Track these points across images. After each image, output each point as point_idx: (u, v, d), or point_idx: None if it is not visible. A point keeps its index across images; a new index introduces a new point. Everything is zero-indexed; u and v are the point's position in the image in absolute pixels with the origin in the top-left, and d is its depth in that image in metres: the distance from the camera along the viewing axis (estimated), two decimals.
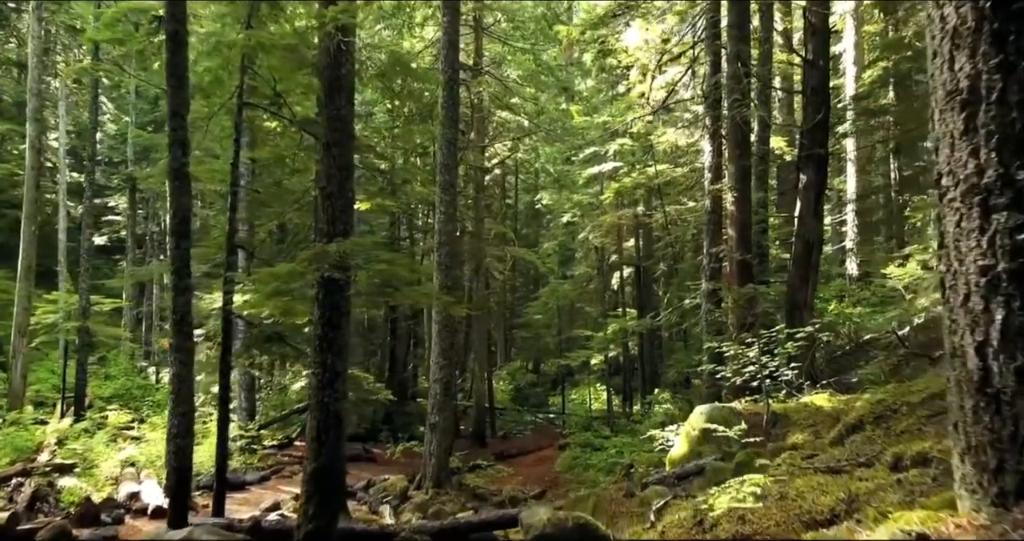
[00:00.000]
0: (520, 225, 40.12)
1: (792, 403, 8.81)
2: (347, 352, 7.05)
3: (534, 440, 22.61)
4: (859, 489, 3.28)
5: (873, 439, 5.01)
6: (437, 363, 14.34)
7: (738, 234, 12.54)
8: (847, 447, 5.07)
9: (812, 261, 12.29)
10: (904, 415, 5.27)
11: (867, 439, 5.07)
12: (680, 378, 20.16)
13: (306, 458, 6.82)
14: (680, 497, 4.99)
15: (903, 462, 3.50)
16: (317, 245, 6.90)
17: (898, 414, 5.36)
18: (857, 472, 3.92)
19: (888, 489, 3.16)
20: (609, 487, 13.43)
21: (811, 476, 3.94)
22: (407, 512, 12.83)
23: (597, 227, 24.28)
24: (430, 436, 14.30)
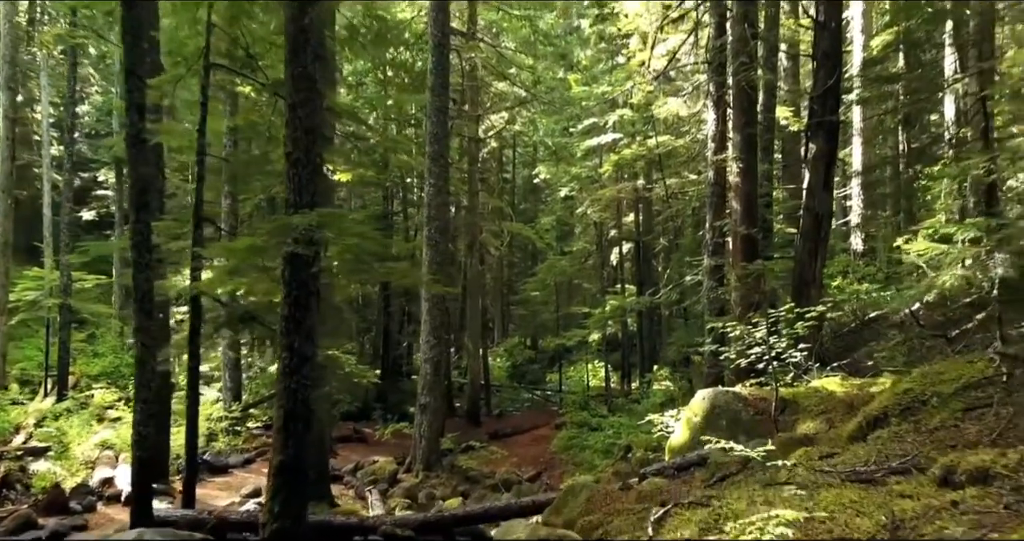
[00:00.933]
0: (518, 200, 39.39)
1: (801, 387, 8.22)
2: (316, 334, 6.43)
3: (530, 419, 22.12)
4: (903, 511, 2.68)
5: (902, 436, 4.40)
6: (427, 342, 13.75)
7: (743, 207, 11.86)
8: (871, 444, 4.47)
9: (821, 235, 11.63)
10: (935, 408, 4.67)
11: (895, 436, 4.46)
12: (680, 356, 19.61)
13: (271, 450, 6.24)
14: (682, 506, 4.39)
15: (956, 477, 2.89)
16: (280, 217, 6.25)
17: (928, 406, 4.75)
18: (893, 482, 3.32)
19: (943, 514, 2.56)
20: (603, 477, 12.92)
21: (838, 488, 3.33)
22: (395, 496, 12.34)
23: (596, 201, 23.56)
24: (420, 417, 13.78)
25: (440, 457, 13.92)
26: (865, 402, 6.85)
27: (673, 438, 8.47)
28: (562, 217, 31.29)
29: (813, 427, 6.80)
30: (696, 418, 8.14)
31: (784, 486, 3.57)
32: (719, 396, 8.05)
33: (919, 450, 3.93)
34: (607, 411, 19.21)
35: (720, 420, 7.85)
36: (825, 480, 3.63)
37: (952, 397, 4.62)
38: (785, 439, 6.27)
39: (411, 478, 13.55)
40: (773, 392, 8.07)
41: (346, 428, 18.78)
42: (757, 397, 7.96)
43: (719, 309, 12.49)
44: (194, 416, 8.37)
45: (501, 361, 32.40)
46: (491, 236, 25.98)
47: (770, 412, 7.67)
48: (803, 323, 7.96)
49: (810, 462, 4.31)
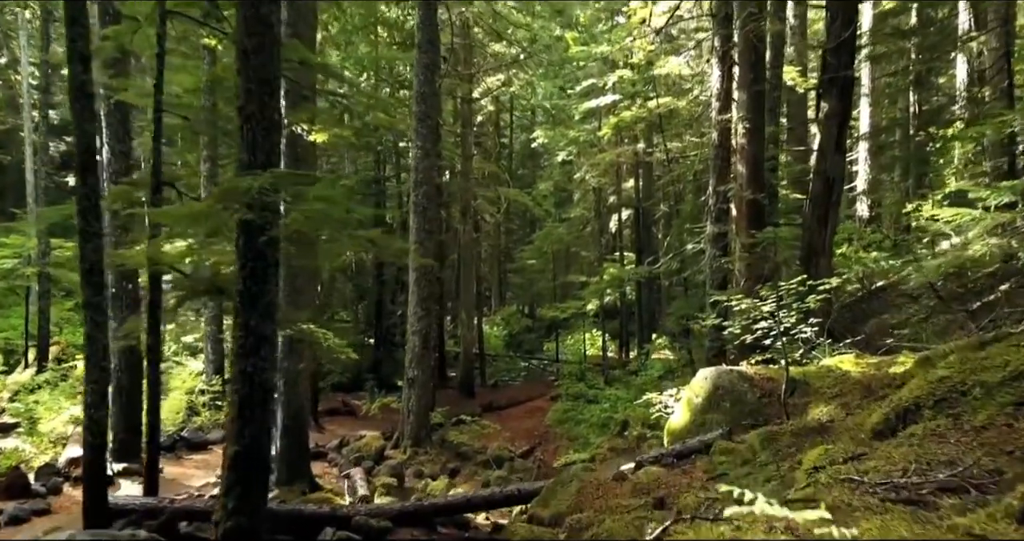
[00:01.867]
0: (515, 165, 38.51)
1: (812, 366, 7.57)
2: (276, 310, 5.76)
3: (525, 390, 21.62)
4: None
5: (942, 436, 3.75)
6: (415, 314, 13.11)
7: (749, 170, 11.11)
8: (904, 444, 3.81)
9: (832, 200, 10.89)
10: (979, 401, 4.01)
11: (932, 434, 3.81)
12: (680, 328, 19.01)
13: (226, 439, 5.61)
14: (684, 521, 3.76)
15: None
16: (229, 179, 5.55)
17: (969, 398, 4.09)
18: (947, 505, 2.67)
19: None
20: (599, 454, 12.40)
21: (879, 513, 2.68)
22: (381, 475, 11.81)
23: (595, 166, 22.72)
24: (408, 392, 13.21)
25: (429, 432, 13.38)
26: (885, 384, 6.21)
27: (672, 420, 7.86)
28: (560, 183, 30.47)
29: (827, 412, 6.16)
30: (697, 399, 7.52)
31: (807, 506, 2.93)
32: (722, 376, 7.41)
33: (968, 456, 3.28)
34: (604, 383, 18.67)
35: (723, 402, 7.24)
36: (858, 497, 2.98)
37: (999, 388, 3.96)
38: (797, 427, 5.64)
39: (399, 455, 13.03)
40: (781, 371, 7.42)
41: (335, 401, 18.27)
42: (763, 377, 7.33)
43: (722, 279, 11.83)
44: (155, 397, 7.74)
45: (498, 330, 31.84)
46: (486, 202, 25.20)
47: (778, 393, 7.03)
48: (815, 296, 7.28)
49: (834, 467, 3.67)
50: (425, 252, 12.93)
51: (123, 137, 10.71)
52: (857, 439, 4.76)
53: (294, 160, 10.00)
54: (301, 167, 10.12)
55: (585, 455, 12.08)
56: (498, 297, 37.88)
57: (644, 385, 15.59)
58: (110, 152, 10.86)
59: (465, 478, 12.60)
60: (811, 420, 6.06)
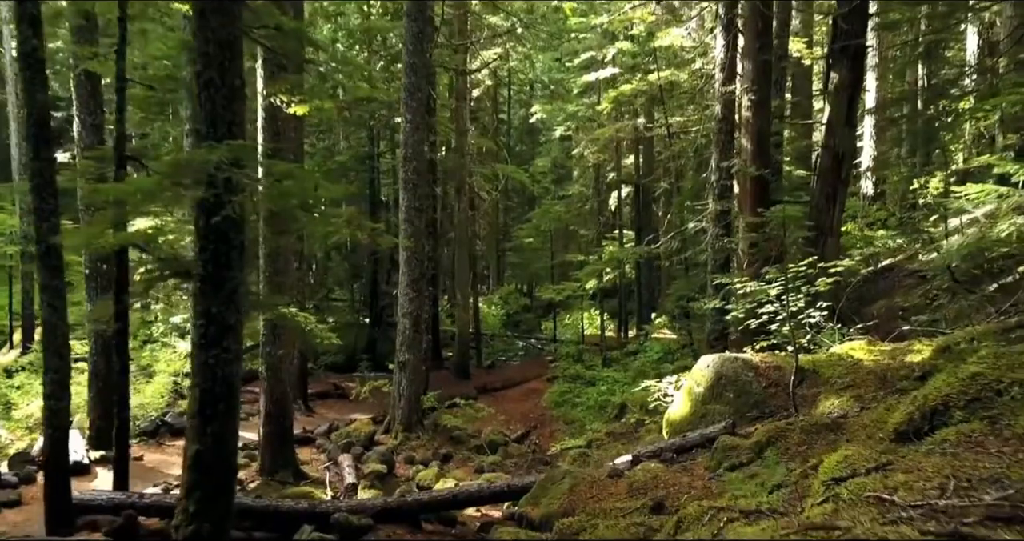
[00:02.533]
0: (513, 141, 37.85)
1: (821, 354, 7.11)
2: (243, 297, 5.27)
3: (522, 371, 21.21)
4: None
5: (979, 444, 3.29)
6: (406, 295, 12.62)
7: (754, 145, 10.58)
8: (935, 452, 3.36)
9: (842, 177, 10.40)
10: (1018, 401, 3.55)
11: (967, 441, 3.35)
12: (679, 308, 18.57)
13: (186, 438, 5.16)
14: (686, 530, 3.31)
15: None
16: (182, 152, 5.05)
17: (1006, 399, 3.63)
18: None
19: None
20: (595, 439, 12.00)
21: None
22: (371, 461, 11.40)
23: (593, 141, 22.13)
24: (399, 375, 12.77)
25: (421, 417, 12.97)
26: (903, 376, 5.76)
27: (672, 410, 7.42)
28: (559, 159, 29.85)
29: (839, 405, 5.71)
30: (699, 388, 7.08)
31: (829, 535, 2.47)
32: (726, 364, 6.96)
33: (1014, 471, 2.82)
34: (602, 364, 18.26)
35: (726, 392, 6.79)
36: (891, 526, 2.52)
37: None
38: (807, 423, 5.19)
39: (390, 440, 12.63)
40: (788, 359, 6.97)
41: (327, 383, 17.86)
42: (770, 365, 6.87)
43: (724, 259, 11.35)
44: (124, 387, 7.30)
45: (495, 309, 31.41)
46: (483, 179, 24.62)
47: (784, 383, 6.59)
48: (825, 279, 6.81)
49: (856, 480, 3.20)
50: (415, 231, 12.42)
51: (94, 109, 10.14)
52: (877, 440, 4.31)
53: (274, 134, 9.47)
54: (282, 142, 9.59)
55: (581, 441, 11.71)
56: (496, 276, 37.42)
57: (643, 367, 15.20)
58: (81, 125, 10.29)
59: (458, 464, 12.22)
60: (822, 414, 5.62)
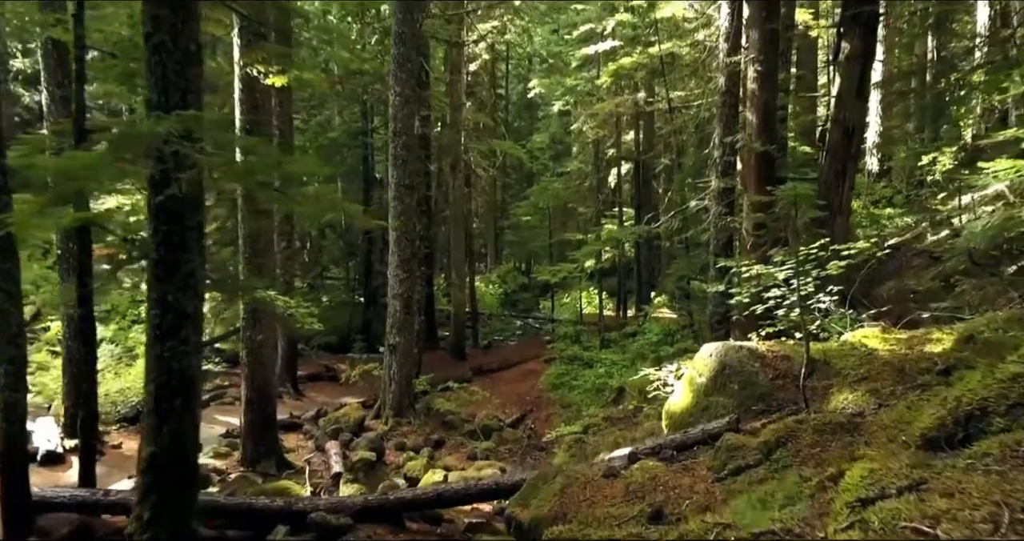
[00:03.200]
0: (512, 117, 37.19)
1: (832, 343, 6.65)
2: (200, 282, 4.80)
3: (519, 351, 20.81)
4: None
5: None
6: (396, 276, 12.16)
7: (760, 119, 10.03)
8: (977, 468, 2.92)
9: (852, 153, 9.89)
10: None
11: (1015, 456, 2.90)
12: (679, 290, 18.10)
13: (141, 439, 4.72)
14: None
15: None
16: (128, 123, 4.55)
17: None
18: None
19: None
20: (592, 424, 11.61)
21: None
22: (359, 449, 11.02)
23: (592, 116, 21.52)
24: (389, 359, 12.36)
25: (413, 401, 12.58)
26: (923, 369, 5.30)
27: (672, 401, 6.98)
28: (557, 135, 29.23)
29: (854, 401, 5.26)
30: (701, 378, 6.63)
31: None
32: (730, 353, 6.50)
33: None
34: (600, 345, 17.85)
35: (731, 383, 6.34)
36: None
37: None
38: (820, 422, 4.74)
39: (380, 425, 12.25)
40: (797, 348, 6.51)
41: (318, 365, 17.46)
42: (777, 354, 6.42)
43: (727, 238, 10.84)
44: (91, 376, 6.87)
45: (493, 288, 31.00)
46: (479, 155, 24.03)
47: (793, 374, 6.13)
48: (837, 262, 6.32)
49: (887, 504, 2.76)
50: (405, 209, 11.93)
51: (62, 81, 9.57)
52: (901, 446, 3.86)
53: (251, 107, 8.93)
54: (261, 115, 9.06)
55: (577, 428, 11.31)
56: (494, 254, 36.94)
57: (641, 349, 14.78)
58: (49, 98, 9.75)
59: (450, 450, 11.86)
60: (835, 411, 5.17)
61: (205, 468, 8.99)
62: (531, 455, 12.00)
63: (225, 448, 9.79)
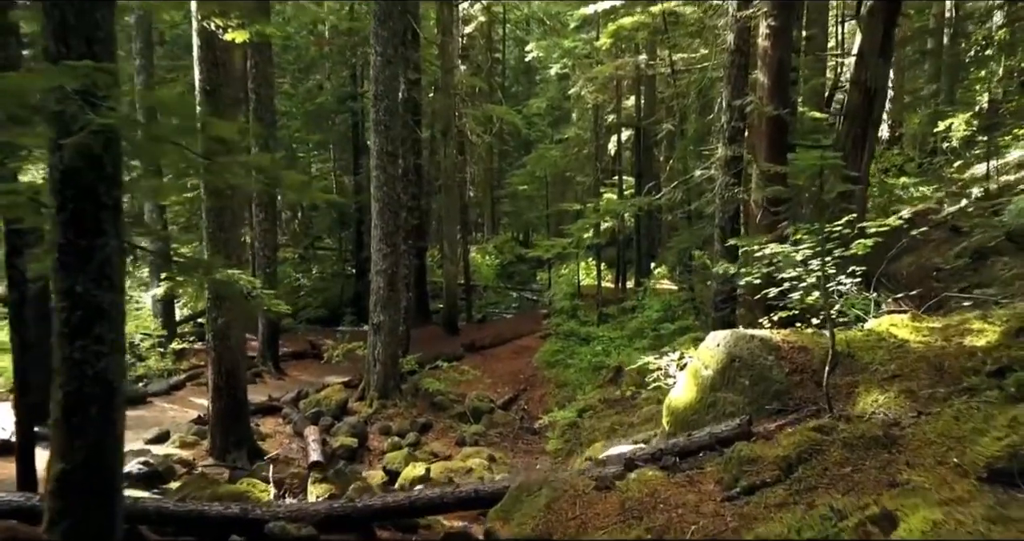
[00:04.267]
0: (510, 82, 36.09)
1: (856, 331, 5.92)
2: (119, 271, 4.06)
3: (514, 326, 20.14)
4: None
5: None
6: (379, 251, 11.40)
7: (772, 80, 9.18)
8: None
9: (873, 117, 9.06)
10: None
11: None
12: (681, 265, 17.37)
13: (50, 454, 4.01)
14: None
15: None
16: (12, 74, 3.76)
17: None
18: None
19: None
20: (588, 405, 10.95)
21: None
22: (340, 434, 10.39)
23: (591, 80, 20.51)
24: (373, 338, 11.66)
25: (399, 382, 11.92)
26: (968, 368, 4.58)
27: (675, 395, 6.27)
28: (555, 100, 28.16)
29: (885, 404, 4.56)
30: (707, 371, 5.91)
31: None
32: (740, 343, 5.77)
33: None
34: (597, 320, 17.15)
35: (741, 378, 5.63)
36: None
37: None
38: (850, 435, 4.02)
39: (364, 408, 11.60)
40: (816, 338, 5.79)
41: (304, 341, 16.78)
42: (793, 345, 5.69)
43: (734, 210, 10.04)
44: (24, 364, 6.15)
45: (490, 259, 30.23)
46: (474, 121, 23.09)
47: (812, 369, 5.42)
48: (864, 241, 5.55)
49: None
50: (388, 179, 11.12)
51: None
52: (958, 474, 3.15)
53: (212, 65, 8.08)
54: (221, 74, 8.21)
55: (572, 413, 10.66)
56: (491, 224, 36.07)
57: (641, 326, 14.08)
58: None
59: (437, 434, 11.22)
60: (865, 416, 4.46)
61: (170, 459, 8.35)
62: (523, 439, 11.38)
63: (193, 437, 9.13)
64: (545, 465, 10.05)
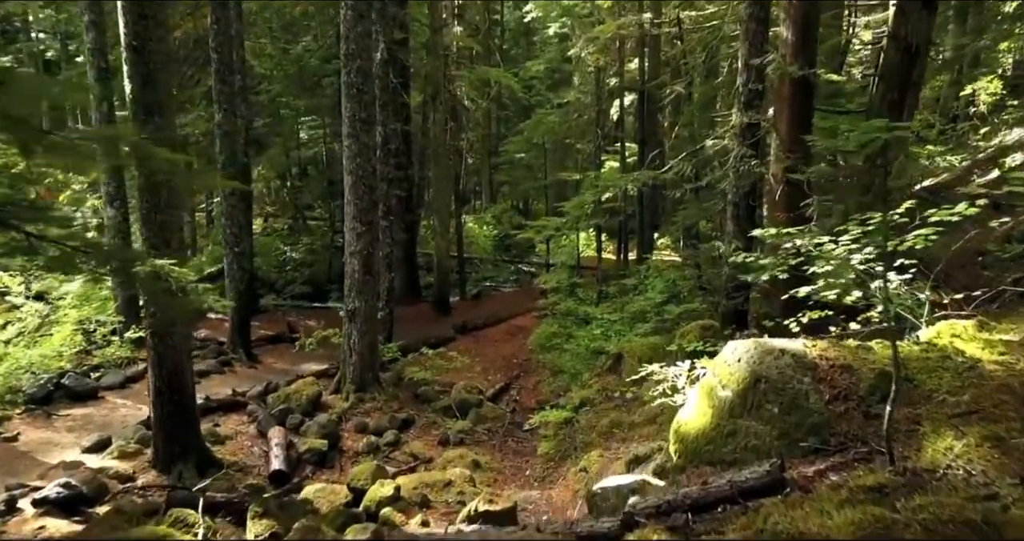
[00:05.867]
0: (509, 44, 34.55)
1: (912, 345, 4.79)
2: None
3: (509, 302, 19.08)
4: None
5: None
6: (353, 229, 10.27)
7: (798, 34, 7.92)
8: None
9: (913, 78, 7.82)
10: None
11: None
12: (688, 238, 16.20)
13: None
14: None
15: None
16: None
17: None
18: None
19: None
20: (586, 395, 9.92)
21: None
22: (310, 435, 9.40)
23: (592, 41, 19.09)
24: (348, 327, 10.59)
25: (377, 373, 10.89)
26: None
27: (685, 416, 5.17)
28: (555, 62, 26.69)
29: (963, 455, 3.45)
30: (725, 391, 4.81)
31: None
32: (766, 360, 4.65)
33: None
34: (597, 298, 16.04)
35: (768, 404, 4.52)
36: None
37: None
38: (933, 516, 2.92)
39: (339, 402, 10.57)
40: (861, 353, 4.68)
41: (283, 322, 15.70)
42: (833, 364, 4.58)
43: (750, 186, 8.86)
44: None
45: (487, 229, 29.07)
46: (468, 85, 21.73)
47: (858, 395, 4.32)
48: (925, 232, 4.39)
49: None
50: (361, 148, 9.92)
51: None
52: None
53: (139, 16, 6.85)
54: (150, 28, 6.98)
55: (566, 412, 9.62)
56: (489, 192, 34.77)
57: (643, 309, 12.95)
58: None
59: (419, 432, 10.22)
60: (938, 472, 3.36)
61: (104, 474, 7.34)
62: (514, 436, 10.35)
63: (136, 445, 8.08)
64: (536, 471, 9.06)
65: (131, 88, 7.00)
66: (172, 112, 7.17)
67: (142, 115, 7.04)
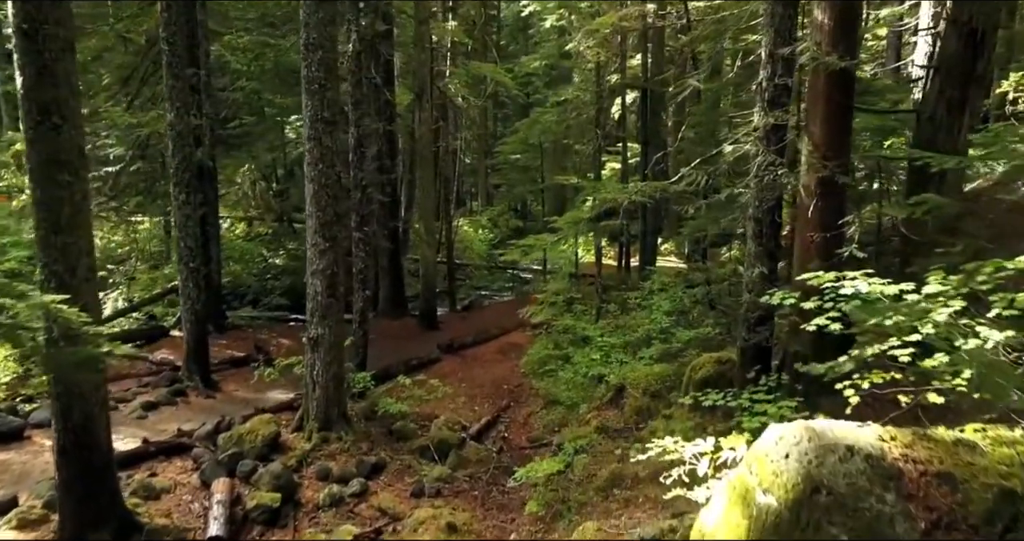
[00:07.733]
0: (506, 40, 33.31)
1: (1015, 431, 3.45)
2: None
3: (502, 316, 17.69)
4: None
5: None
6: (315, 246, 8.94)
7: (836, 19, 6.58)
8: None
9: (977, 71, 6.49)
10: None
11: None
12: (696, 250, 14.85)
13: None
14: None
15: None
16: None
17: None
18: None
19: None
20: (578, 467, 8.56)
21: None
22: (261, 486, 8.10)
23: (592, 34, 17.76)
24: (311, 356, 9.28)
25: (343, 409, 9.57)
26: None
27: (711, 525, 3.82)
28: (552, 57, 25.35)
29: None
30: (766, 498, 3.46)
31: None
32: (827, 459, 3.30)
33: None
34: (596, 315, 14.69)
35: (831, 526, 3.18)
36: None
37: None
38: None
39: (301, 442, 9.26)
40: (962, 456, 3.34)
41: (254, 339, 14.37)
42: (924, 470, 3.23)
43: (775, 200, 7.51)
44: None
45: (483, 233, 27.77)
46: (460, 82, 20.40)
47: (966, 522, 3.00)
48: None
49: None
50: (324, 152, 8.61)
51: None
52: None
53: None
54: (45, 9, 5.67)
55: (559, 464, 8.28)
56: (485, 195, 33.44)
57: (648, 333, 11.59)
58: None
59: (391, 478, 8.91)
60: None
61: None
62: (499, 485, 9.01)
63: (41, 511, 6.78)
64: (522, 533, 7.73)
65: (21, 82, 5.71)
66: (76, 112, 5.84)
67: (36, 115, 5.74)
